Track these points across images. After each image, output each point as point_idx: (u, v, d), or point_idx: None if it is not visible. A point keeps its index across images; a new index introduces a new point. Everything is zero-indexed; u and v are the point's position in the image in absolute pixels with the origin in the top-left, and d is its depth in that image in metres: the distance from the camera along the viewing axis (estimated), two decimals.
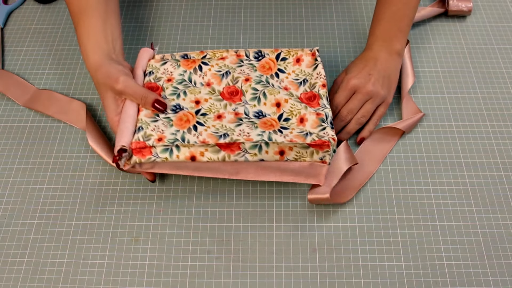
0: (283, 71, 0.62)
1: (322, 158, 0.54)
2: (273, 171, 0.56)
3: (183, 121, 0.56)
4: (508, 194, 0.60)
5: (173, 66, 0.62)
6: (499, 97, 0.68)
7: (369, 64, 0.63)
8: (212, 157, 0.53)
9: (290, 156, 0.54)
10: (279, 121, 0.56)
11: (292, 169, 0.55)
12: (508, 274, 0.54)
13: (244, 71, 0.62)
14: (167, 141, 0.54)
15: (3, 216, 0.59)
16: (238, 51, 0.64)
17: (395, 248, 0.56)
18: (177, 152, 0.54)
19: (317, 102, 0.58)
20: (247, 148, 0.53)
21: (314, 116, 0.56)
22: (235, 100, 0.59)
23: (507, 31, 0.75)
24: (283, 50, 0.63)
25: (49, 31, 0.78)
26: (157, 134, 0.54)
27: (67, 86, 0.70)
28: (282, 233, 0.57)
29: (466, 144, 0.64)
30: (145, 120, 0.56)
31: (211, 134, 0.54)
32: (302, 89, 0.60)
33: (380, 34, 0.64)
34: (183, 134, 0.54)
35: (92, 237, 0.57)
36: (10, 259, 0.56)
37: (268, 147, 0.53)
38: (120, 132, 0.54)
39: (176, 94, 0.60)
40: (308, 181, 0.56)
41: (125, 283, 0.54)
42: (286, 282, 0.54)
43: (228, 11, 0.79)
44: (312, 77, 0.61)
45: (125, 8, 0.80)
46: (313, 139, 0.53)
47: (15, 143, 0.65)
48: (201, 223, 0.58)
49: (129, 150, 0.54)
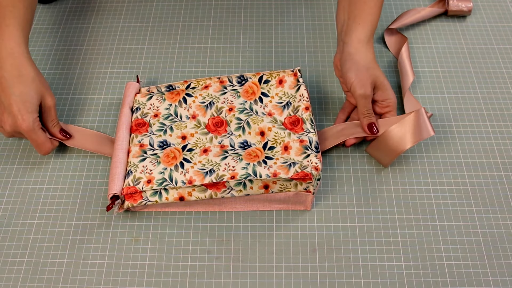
0: (267, 95, 0.63)
1: (306, 188, 0.55)
2: (260, 202, 0.58)
3: (170, 158, 0.58)
4: (508, 194, 0.60)
5: (158, 101, 0.64)
6: (499, 97, 0.68)
7: (369, 71, 0.60)
8: (199, 196, 0.56)
9: (275, 189, 0.56)
10: (264, 150, 0.58)
11: (279, 199, 0.57)
12: (508, 274, 0.54)
13: (228, 98, 0.63)
14: (156, 182, 0.56)
15: (3, 216, 0.59)
16: (221, 77, 0.65)
17: (395, 248, 0.56)
18: (166, 194, 0.56)
19: (301, 127, 0.59)
20: (232, 185, 0.55)
21: (298, 144, 0.58)
22: (220, 131, 0.61)
23: (507, 31, 0.75)
24: (265, 73, 0.65)
25: (49, 31, 0.78)
26: (145, 176, 0.57)
27: (67, 86, 0.70)
28: (282, 233, 0.57)
29: (466, 144, 0.64)
30: (134, 162, 0.58)
31: (197, 171, 0.56)
32: (286, 113, 0.61)
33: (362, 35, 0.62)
34: (170, 173, 0.57)
35: (92, 237, 0.57)
36: (10, 259, 0.56)
37: (253, 183, 0.55)
38: (111, 178, 0.57)
39: (163, 130, 0.62)
40: (296, 207, 0.58)
41: (125, 283, 0.54)
42: (286, 282, 0.54)
43: (228, 11, 0.79)
44: (295, 99, 0.62)
45: (125, 8, 0.80)
46: (296, 171, 0.54)
47: (15, 143, 0.65)
48: (201, 223, 0.58)
49: (121, 196, 0.56)
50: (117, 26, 0.78)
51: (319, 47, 0.74)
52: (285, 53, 0.73)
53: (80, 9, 0.81)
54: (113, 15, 0.79)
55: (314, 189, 0.55)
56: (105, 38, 0.76)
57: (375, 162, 0.62)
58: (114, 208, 0.56)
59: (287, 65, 0.72)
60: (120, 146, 0.60)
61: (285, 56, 0.72)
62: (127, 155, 0.60)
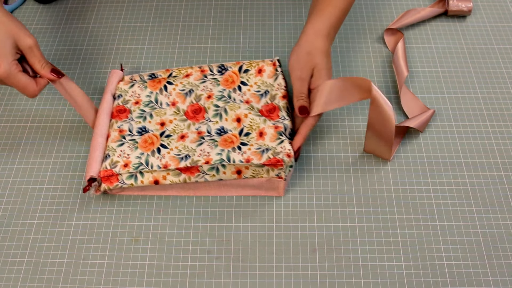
0: (246, 84, 0.64)
1: (278, 174, 0.56)
2: (234, 187, 0.59)
3: (148, 143, 0.60)
4: (508, 194, 0.60)
5: (140, 88, 0.65)
6: (499, 97, 0.68)
7: (329, 59, 0.61)
8: (173, 179, 0.57)
9: (247, 174, 0.57)
10: (240, 136, 0.59)
11: (252, 184, 0.58)
12: (508, 274, 0.54)
13: (207, 87, 0.64)
14: (132, 166, 0.57)
15: (3, 216, 0.59)
16: (202, 66, 0.66)
17: (395, 248, 0.56)
18: (141, 177, 0.57)
19: (277, 114, 0.61)
20: (205, 170, 0.56)
21: (273, 130, 0.58)
22: (198, 118, 0.62)
23: (507, 31, 0.75)
24: (245, 62, 0.66)
25: (49, 31, 0.78)
26: (123, 160, 0.58)
27: None
28: (282, 233, 0.57)
29: (466, 144, 0.64)
30: (112, 146, 0.60)
31: (173, 157, 0.58)
32: (263, 101, 0.62)
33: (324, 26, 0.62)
34: (147, 157, 0.58)
35: (92, 237, 0.57)
36: (10, 259, 0.56)
37: (225, 168, 0.56)
38: (89, 162, 0.58)
39: (142, 117, 0.63)
40: (269, 194, 0.59)
41: (125, 283, 0.54)
42: (286, 282, 0.54)
43: (228, 11, 0.79)
44: (273, 88, 0.63)
45: (125, 8, 0.80)
46: (268, 157, 0.55)
47: (15, 143, 0.65)
48: (201, 223, 0.58)
49: (98, 179, 0.57)
50: (117, 26, 0.78)
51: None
52: (285, 53, 0.73)
53: (80, 9, 0.81)
54: (113, 15, 0.79)
55: (286, 176, 0.56)
56: (105, 38, 0.76)
57: (375, 162, 0.62)
58: (90, 190, 0.57)
59: (287, 65, 0.71)
60: (100, 132, 0.61)
61: (285, 56, 0.72)
62: (106, 140, 0.61)
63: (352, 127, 0.65)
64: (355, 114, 0.66)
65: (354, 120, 0.66)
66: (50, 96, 0.69)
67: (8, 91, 0.71)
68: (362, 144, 0.63)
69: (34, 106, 0.69)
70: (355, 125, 0.65)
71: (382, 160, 0.62)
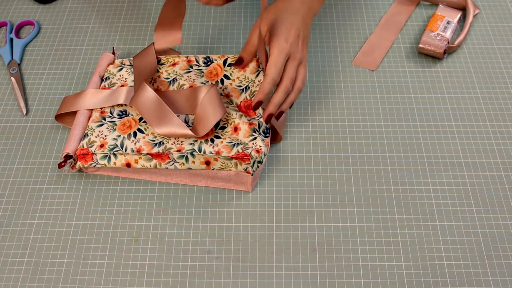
0: (229, 77, 0.64)
1: (246, 169, 0.57)
2: (204, 178, 0.60)
3: (126, 127, 0.61)
4: (508, 194, 0.60)
5: (128, 73, 0.66)
6: (499, 97, 0.68)
7: (295, 22, 0.58)
8: (145, 164, 0.58)
9: (216, 166, 0.57)
10: (216, 129, 0.60)
11: (221, 177, 0.59)
12: (508, 274, 0.54)
13: (191, 77, 0.65)
14: (108, 147, 0.59)
15: (3, 216, 0.59)
16: (189, 57, 0.67)
17: (395, 248, 0.56)
18: (114, 159, 0.59)
19: (254, 111, 0.61)
20: (175, 158, 0.57)
21: (247, 126, 0.59)
22: None
23: (507, 31, 0.75)
24: (230, 56, 0.66)
25: (49, 31, 0.78)
26: (99, 140, 0.60)
27: (67, 86, 0.71)
28: (282, 233, 0.57)
29: (466, 144, 0.64)
30: (92, 126, 0.61)
31: (147, 142, 0.59)
32: (243, 96, 0.63)
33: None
34: (122, 140, 0.59)
35: (92, 237, 0.57)
36: (10, 259, 0.56)
37: (194, 158, 0.57)
38: (68, 139, 0.60)
39: None
40: (238, 187, 0.60)
41: (125, 283, 0.54)
42: (286, 282, 0.54)
43: (228, 11, 0.79)
44: (253, 84, 0.63)
45: (125, 8, 0.80)
46: (238, 151, 0.56)
47: (15, 143, 0.65)
48: (201, 223, 0.58)
49: (74, 156, 0.59)
50: (117, 26, 0.78)
51: (319, 47, 0.74)
52: None
53: (80, 9, 0.81)
54: (113, 15, 0.79)
55: (253, 171, 0.57)
56: (105, 38, 0.76)
57: (375, 162, 0.62)
58: (65, 166, 0.59)
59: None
60: (82, 111, 0.63)
61: None
62: (87, 120, 0.63)
63: (352, 127, 0.65)
64: (355, 115, 0.66)
65: (354, 120, 0.66)
66: (50, 96, 0.70)
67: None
68: (362, 144, 0.64)
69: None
70: (355, 125, 0.65)
71: (382, 160, 0.62)
